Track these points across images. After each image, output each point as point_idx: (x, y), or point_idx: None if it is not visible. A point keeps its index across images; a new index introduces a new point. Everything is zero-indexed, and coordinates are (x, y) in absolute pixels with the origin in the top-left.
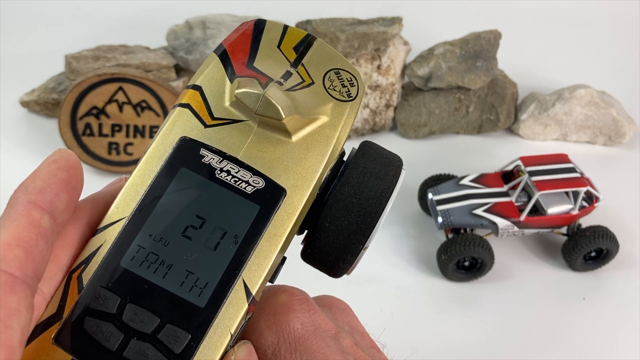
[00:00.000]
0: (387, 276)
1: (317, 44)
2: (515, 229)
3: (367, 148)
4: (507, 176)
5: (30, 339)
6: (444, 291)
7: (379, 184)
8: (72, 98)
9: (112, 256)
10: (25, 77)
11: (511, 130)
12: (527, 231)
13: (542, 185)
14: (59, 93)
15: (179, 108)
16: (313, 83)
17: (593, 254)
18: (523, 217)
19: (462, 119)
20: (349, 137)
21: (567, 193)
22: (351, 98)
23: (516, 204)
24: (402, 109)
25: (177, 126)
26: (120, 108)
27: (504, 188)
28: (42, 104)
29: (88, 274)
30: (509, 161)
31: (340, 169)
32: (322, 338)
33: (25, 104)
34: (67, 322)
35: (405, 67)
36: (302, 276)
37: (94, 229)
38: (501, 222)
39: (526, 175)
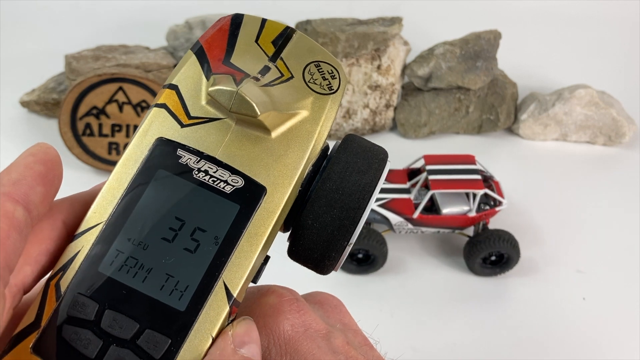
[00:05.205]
0: (387, 276)
1: (297, 37)
2: (410, 226)
3: (349, 142)
4: (415, 173)
5: (8, 349)
6: (443, 291)
7: (361, 178)
8: (72, 98)
9: (90, 262)
10: (25, 77)
11: (511, 130)
12: (425, 229)
13: (436, 184)
14: (59, 93)
15: (155, 108)
16: (292, 77)
17: (493, 257)
18: (416, 214)
19: (462, 119)
20: None
21: (467, 195)
22: (332, 91)
23: (414, 202)
24: (402, 109)
25: (153, 127)
26: (120, 108)
27: (406, 185)
28: (42, 104)
29: (66, 281)
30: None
31: (322, 164)
32: (312, 339)
33: (25, 104)
34: (46, 331)
35: (405, 67)
36: (300, 276)
37: (69, 228)
38: (394, 217)
39: (425, 173)
